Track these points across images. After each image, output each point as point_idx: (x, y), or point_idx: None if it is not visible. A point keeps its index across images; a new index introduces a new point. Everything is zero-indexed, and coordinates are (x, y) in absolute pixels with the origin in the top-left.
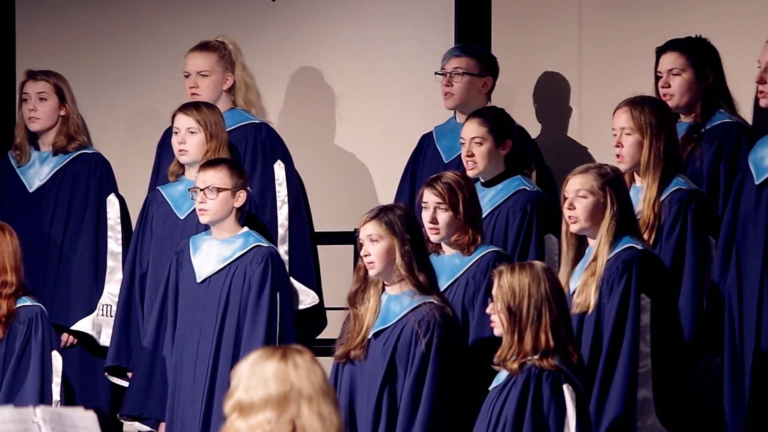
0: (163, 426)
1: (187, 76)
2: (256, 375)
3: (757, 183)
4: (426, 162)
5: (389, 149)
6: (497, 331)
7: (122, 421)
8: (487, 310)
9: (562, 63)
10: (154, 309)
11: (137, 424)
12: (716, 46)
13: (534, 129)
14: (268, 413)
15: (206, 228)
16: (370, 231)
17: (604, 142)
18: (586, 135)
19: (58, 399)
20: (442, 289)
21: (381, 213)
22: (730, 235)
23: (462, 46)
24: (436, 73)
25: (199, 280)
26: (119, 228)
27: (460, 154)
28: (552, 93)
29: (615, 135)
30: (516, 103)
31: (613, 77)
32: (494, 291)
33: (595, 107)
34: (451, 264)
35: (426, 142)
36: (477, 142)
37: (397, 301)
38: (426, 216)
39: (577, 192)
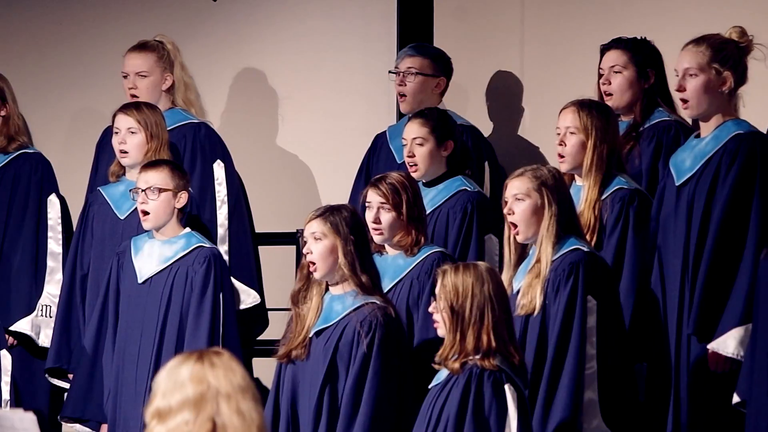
0: (104, 428)
1: (125, 77)
2: (172, 380)
3: (677, 184)
4: (380, 162)
5: (331, 149)
6: (440, 330)
7: (63, 423)
8: (430, 309)
9: (505, 62)
10: (95, 310)
11: (78, 426)
12: (660, 48)
13: (485, 128)
14: (185, 414)
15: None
16: (314, 229)
17: (548, 142)
18: (530, 134)
19: (8, 398)
20: (386, 290)
21: (327, 212)
22: (655, 238)
23: (416, 45)
24: (389, 72)
25: (140, 281)
26: (60, 228)
27: None
28: (500, 92)
29: (558, 134)
30: (463, 102)
31: (555, 77)
32: (437, 290)
33: (537, 107)
34: (394, 265)
35: (379, 142)
36: (418, 143)
37: (339, 300)
38: (369, 216)
39: (515, 196)
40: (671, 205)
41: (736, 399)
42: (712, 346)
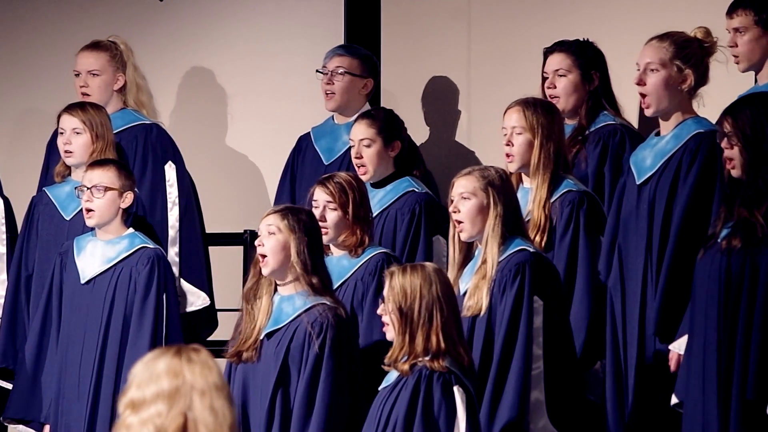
0: (47, 429)
1: (77, 75)
2: (148, 372)
3: (638, 183)
4: (305, 163)
5: (281, 150)
6: (389, 333)
7: (6, 424)
8: (378, 311)
9: (451, 66)
10: (38, 311)
11: (21, 427)
12: (603, 49)
13: (423, 132)
14: (159, 406)
15: (92, 228)
16: (270, 222)
17: (492, 146)
18: (474, 138)
19: None
20: None
21: (285, 210)
22: (614, 237)
23: (345, 45)
24: (317, 71)
25: (83, 281)
26: (4, 229)
27: (340, 156)
28: (441, 96)
29: (505, 134)
30: (405, 105)
31: (501, 81)
32: (385, 292)
33: (483, 110)
34: (339, 266)
35: (304, 143)
36: (366, 144)
37: (289, 301)
38: (315, 215)
39: (461, 195)
40: (632, 204)
41: (674, 400)
42: (673, 346)
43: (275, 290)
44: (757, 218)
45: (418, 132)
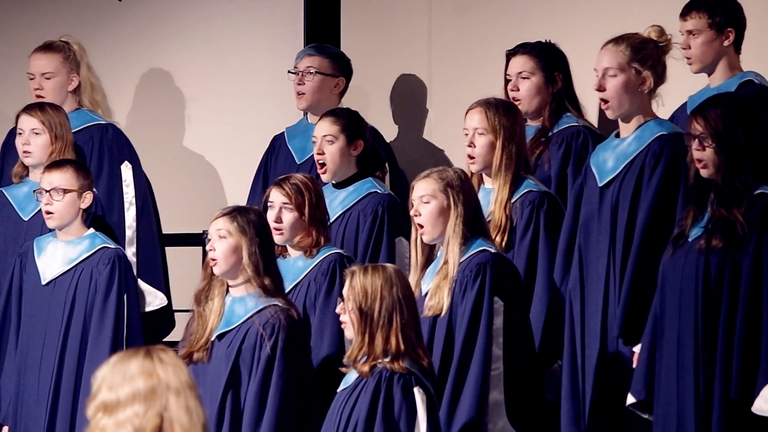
0: (5, 430)
1: (31, 78)
2: (120, 373)
3: (600, 185)
4: (278, 163)
5: (238, 150)
6: (347, 332)
7: None
8: (337, 310)
9: (412, 65)
10: None
11: None
12: (565, 50)
13: (390, 131)
14: (136, 407)
15: (51, 229)
16: (219, 226)
17: (457, 145)
18: (437, 138)
19: None
20: (285, 292)
21: (234, 212)
22: (571, 239)
23: (316, 45)
24: (288, 71)
25: (43, 282)
26: None
27: (313, 155)
28: (406, 95)
29: (467, 135)
30: (368, 104)
31: (462, 79)
32: (345, 291)
33: (444, 109)
34: (294, 267)
35: (278, 143)
36: (328, 141)
37: (241, 303)
38: (271, 215)
39: (421, 198)
40: (594, 206)
41: (630, 399)
42: (637, 348)
43: (227, 291)
44: (737, 217)
45: (383, 130)
